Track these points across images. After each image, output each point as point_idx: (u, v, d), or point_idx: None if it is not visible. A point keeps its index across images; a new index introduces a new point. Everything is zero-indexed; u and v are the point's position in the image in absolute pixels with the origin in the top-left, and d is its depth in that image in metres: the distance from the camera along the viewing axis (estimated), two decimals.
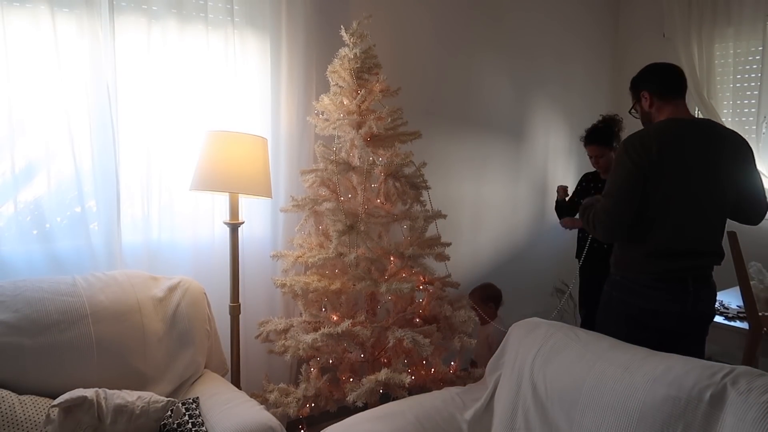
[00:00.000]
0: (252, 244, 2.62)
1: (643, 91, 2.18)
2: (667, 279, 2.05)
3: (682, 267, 2.05)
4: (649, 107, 2.17)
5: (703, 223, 2.05)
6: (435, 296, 2.46)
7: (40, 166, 2.15)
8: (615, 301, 2.15)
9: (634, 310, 2.08)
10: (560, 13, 3.87)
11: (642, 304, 2.07)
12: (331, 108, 2.43)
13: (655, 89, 2.14)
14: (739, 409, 1.38)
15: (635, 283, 2.09)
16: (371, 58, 2.38)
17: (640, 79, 2.20)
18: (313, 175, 2.40)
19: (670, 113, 2.11)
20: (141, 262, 2.36)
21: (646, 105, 2.18)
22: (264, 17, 2.58)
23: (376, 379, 2.07)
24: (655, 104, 2.15)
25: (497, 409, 1.91)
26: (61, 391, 1.72)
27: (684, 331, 2.09)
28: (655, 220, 2.04)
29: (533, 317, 2.10)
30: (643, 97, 2.18)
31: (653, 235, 2.04)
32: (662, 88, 2.13)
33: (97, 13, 2.17)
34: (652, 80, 2.16)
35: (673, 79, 2.13)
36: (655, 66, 2.19)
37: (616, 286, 2.16)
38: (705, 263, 2.10)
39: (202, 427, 1.79)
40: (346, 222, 2.21)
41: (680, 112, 2.11)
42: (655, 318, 2.05)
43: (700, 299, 2.08)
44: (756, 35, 3.47)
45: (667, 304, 2.05)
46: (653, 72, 2.18)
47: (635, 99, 2.23)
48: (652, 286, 2.06)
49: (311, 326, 2.33)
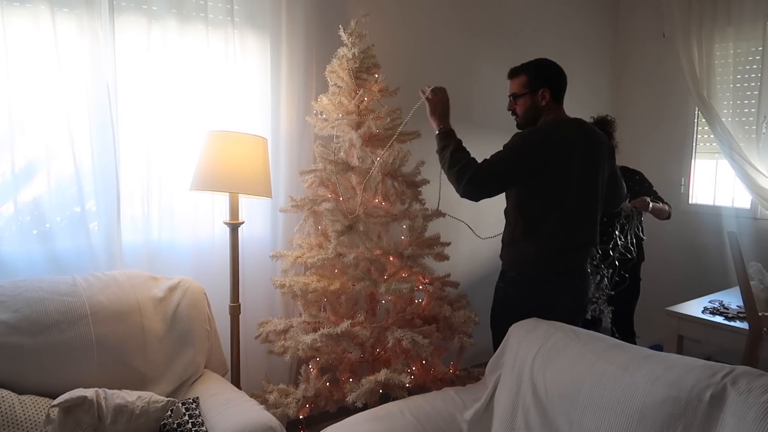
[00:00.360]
0: (252, 244, 2.62)
1: (544, 89, 2.19)
2: (562, 273, 2.17)
3: (574, 260, 2.19)
4: (544, 105, 2.20)
5: (590, 218, 2.20)
6: (435, 296, 2.46)
7: (40, 165, 2.15)
8: (511, 298, 2.21)
9: (530, 305, 2.12)
10: (560, 12, 3.87)
11: (539, 299, 2.14)
12: (329, 108, 2.43)
13: (556, 92, 2.21)
14: (739, 409, 1.37)
15: (533, 278, 2.16)
16: (370, 58, 2.38)
17: (547, 76, 2.22)
18: (312, 175, 2.40)
19: (558, 115, 2.21)
20: (141, 262, 2.36)
21: (542, 102, 2.20)
22: (264, 17, 2.58)
23: (375, 380, 2.07)
24: (549, 104, 2.20)
25: (497, 409, 1.91)
26: (61, 391, 1.72)
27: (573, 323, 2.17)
28: (551, 217, 2.12)
29: (533, 317, 2.10)
30: (542, 94, 2.19)
31: (550, 231, 2.12)
32: (561, 92, 2.24)
33: (97, 13, 2.17)
34: (557, 83, 2.22)
35: (566, 86, 2.25)
36: (559, 68, 2.25)
37: (512, 283, 2.21)
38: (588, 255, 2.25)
39: (202, 427, 1.79)
40: (345, 222, 2.21)
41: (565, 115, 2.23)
42: (550, 312, 2.09)
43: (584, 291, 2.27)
44: (756, 35, 3.47)
45: (560, 298, 2.17)
46: (561, 74, 2.24)
47: (528, 90, 2.20)
48: (547, 280, 2.15)
49: (311, 327, 2.33)
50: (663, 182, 4.04)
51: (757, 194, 3.44)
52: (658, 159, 4.05)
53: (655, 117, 4.06)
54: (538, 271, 2.17)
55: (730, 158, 3.50)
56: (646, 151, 4.12)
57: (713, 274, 3.71)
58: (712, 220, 3.78)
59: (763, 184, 3.40)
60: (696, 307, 2.66)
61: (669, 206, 3.05)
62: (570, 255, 2.17)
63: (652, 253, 4.09)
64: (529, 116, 2.23)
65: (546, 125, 2.17)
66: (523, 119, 2.26)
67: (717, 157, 3.80)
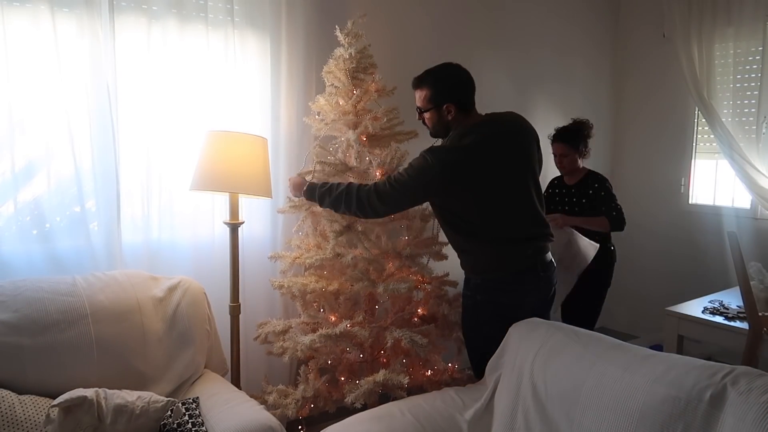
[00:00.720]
0: (252, 244, 2.62)
1: (448, 104, 2.10)
2: (523, 270, 2.14)
3: (527, 255, 2.14)
4: (450, 119, 2.13)
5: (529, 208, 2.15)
6: (433, 295, 2.46)
7: (40, 165, 2.15)
8: (481, 304, 2.17)
9: (500, 308, 2.13)
10: (560, 12, 3.87)
11: (507, 300, 2.13)
12: (326, 108, 2.43)
13: (462, 104, 2.12)
14: (739, 409, 1.38)
15: (496, 282, 2.15)
16: (366, 58, 2.38)
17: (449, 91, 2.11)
18: (311, 176, 2.40)
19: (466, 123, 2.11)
20: (141, 262, 2.36)
21: (448, 116, 2.13)
22: (264, 17, 2.58)
23: (374, 380, 2.07)
24: (456, 116, 2.12)
25: (497, 409, 1.91)
26: (61, 391, 1.72)
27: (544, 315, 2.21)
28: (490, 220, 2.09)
29: (533, 317, 2.10)
30: (446, 109, 2.11)
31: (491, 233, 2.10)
32: (469, 102, 2.14)
33: (97, 13, 2.17)
34: (462, 94, 2.12)
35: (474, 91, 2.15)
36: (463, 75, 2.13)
37: (479, 289, 2.18)
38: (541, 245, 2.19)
39: (202, 427, 1.79)
40: (343, 222, 2.22)
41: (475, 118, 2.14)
42: (519, 309, 2.10)
43: (549, 282, 2.23)
44: (756, 35, 3.47)
45: (527, 294, 2.16)
46: (464, 82, 2.13)
47: (432, 105, 2.12)
48: (511, 281, 2.14)
49: (309, 327, 2.33)
50: (663, 182, 4.05)
51: (757, 194, 3.44)
52: (658, 159, 4.05)
53: (655, 117, 4.06)
54: (499, 274, 2.14)
55: (730, 158, 3.50)
56: (646, 151, 4.12)
57: (713, 274, 3.71)
58: (712, 220, 3.78)
59: (763, 184, 3.40)
60: (696, 307, 2.66)
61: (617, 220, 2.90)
62: (521, 250, 2.13)
63: (652, 252, 4.10)
64: (439, 129, 2.20)
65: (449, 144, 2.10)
66: (434, 132, 2.23)
67: (717, 157, 3.80)
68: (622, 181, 4.26)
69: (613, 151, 4.33)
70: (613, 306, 4.33)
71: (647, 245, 4.12)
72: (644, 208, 4.10)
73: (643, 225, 4.10)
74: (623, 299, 4.24)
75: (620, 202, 2.97)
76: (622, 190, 4.27)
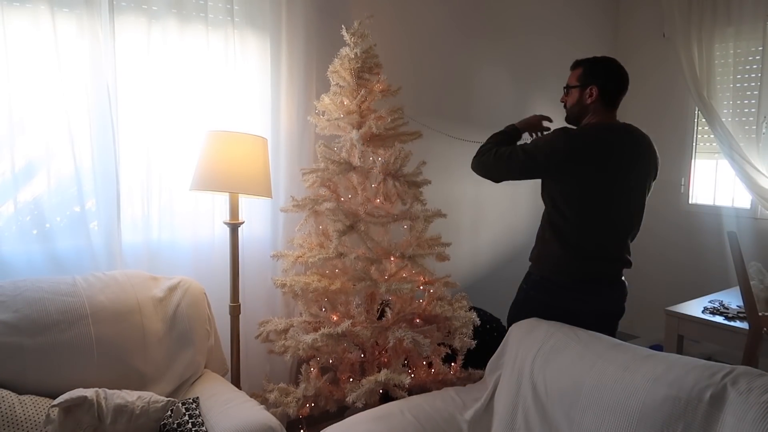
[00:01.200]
0: (252, 244, 2.62)
1: (593, 86, 2.13)
2: (585, 281, 2.12)
3: (598, 271, 2.13)
4: (589, 103, 2.14)
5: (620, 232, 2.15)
6: (435, 296, 2.46)
7: (40, 165, 2.15)
8: (532, 302, 2.18)
9: (551, 311, 2.10)
10: (560, 12, 3.87)
11: (559, 305, 2.10)
12: (331, 108, 2.43)
13: (606, 93, 2.13)
14: (739, 409, 1.38)
15: (554, 284, 2.14)
16: (372, 58, 2.38)
17: (599, 73, 2.15)
18: (314, 175, 2.40)
19: (603, 119, 2.13)
20: (141, 262, 2.36)
21: (587, 99, 2.14)
22: (264, 17, 2.58)
23: (375, 380, 2.07)
24: (596, 104, 2.13)
25: (497, 409, 1.91)
26: (61, 391, 1.72)
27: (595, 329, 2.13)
28: (581, 222, 2.08)
29: (533, 317, 2.10)
30: (589, 91, 2.13)
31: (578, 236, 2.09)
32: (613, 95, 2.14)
33: (97, 13, 2.17)
34: (611, 81, 2.14)
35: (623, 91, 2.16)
36: (620, 70, 2.17)
37: (534, 286, 2.19)
38: (617, 268, 2.18)
39: (202, 427, 1.79)
40: (346, 222, 2.22)
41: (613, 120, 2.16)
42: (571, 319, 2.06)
43: (613, 300, 2.19)
44: (756, 35, 3.47)
45: (582, 304, 2.12)
46: (618, 76, 2.15)
47: (579, 84, 2.16)
48: (569, 287, 2.12)
49: (311, 326, 2.33)
50: (663, 182, 4.04)
51: (757, 194, 3.44)
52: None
53: (655, 117, 4.06)
54: (561, 277, 2.13)
55: (730, 158, 3.50)
56: None
57: (713, 274, 3.71)
58: (712, 220, 3.78)
59: (763, 184, 3.40)
60: (696, 307, 2.66)
61: None
62: (594, 264, 2.11)
63: (652, 252, 4.10)
64: (575, 111, 2.20)
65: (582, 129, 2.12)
66: (569, 113, 2.23)
67: (717, 157, 3.80)
68: None
69: None
70: None
71: (647, 245, 4.11)
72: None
73: (643, 225, 4.10)
74: None
75: None
76: None
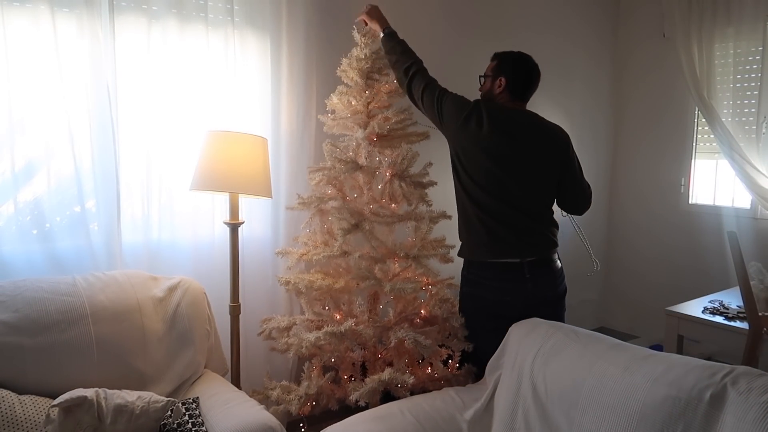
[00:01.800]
0: (252, 244, 2.62)
1: (502, 77, 2.27)
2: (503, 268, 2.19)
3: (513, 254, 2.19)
4: (496, 92, 2.30)
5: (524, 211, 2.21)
6: (437, 297, 2.46)
7: (40, 165, 2.15)
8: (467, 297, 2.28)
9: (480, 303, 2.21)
10: (560, 12, 3.87)
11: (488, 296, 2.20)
12: (339, 107, 2.44)
13: (513, 86, 2.27)
14: (739, 409, 1.38)
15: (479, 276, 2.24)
16: (381, 59, 2.40)
17: (509, 66, 2.29)
18: (320, 173, 2.41)
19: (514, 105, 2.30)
20: (141, 262, 2.36)
21: (496, 89, 2.30)
22: (264, 17, 2.58)
23: (379, 379, 2.07)
24: (503, 94, 2.28)
25: (497, 409, 1.91)
26: (61, 391, 1.72)
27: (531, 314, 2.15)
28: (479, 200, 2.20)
29: (533, 317, 2.10)
30: (498, 82, 2.28)
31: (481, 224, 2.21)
32: (518, 90, 2.29)
33: (97, 13, 2.17)
34: (517, 78, 2.27)
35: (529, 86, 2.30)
36: (528, 65, 2.30)
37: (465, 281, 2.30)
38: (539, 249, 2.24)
39: (202, 427, 1.79)
40: (351, 221, 2.22)
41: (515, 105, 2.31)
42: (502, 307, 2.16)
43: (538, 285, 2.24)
44: (756, 35, 3.47)
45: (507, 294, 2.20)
46: (525, 71, 2.29)
47: (491, 74, 2.32)
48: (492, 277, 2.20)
49: (314, 325, 2.33)
50: (663, 182, 4.05)
51: (757, 194, 3.44)
52: (658, 159, 4.05)
53: (655, 117, 4.06)
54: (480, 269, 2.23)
55: (730, 158, 3.50)
56: (646, 151, 4.12)
57: (713, 274, 3.71)
58: (712, 220, 3.78)
59: (763, 184, 3.40)
60: (696, 307, 2.66)
61: None
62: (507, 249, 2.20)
63: (652, 252, 4.10)
64: (485, 98, 2.37)
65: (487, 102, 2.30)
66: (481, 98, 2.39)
67: (717, 157, 3.80)
68: (622, 181, 4.26)
69: (614, 151, 4.33)
70: (613, 306, 4.34)
71: (647, 245, 4.12)
72: (644, 208, 4.11)
73: (643, 225, 4.11)
74: (623, 299, 4.25)
75: (620, 202, 2.97)
76: (622, 189, 4.29)
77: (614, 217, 4.32)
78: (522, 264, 2.22)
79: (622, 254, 4.28)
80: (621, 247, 4.28)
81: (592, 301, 4.18)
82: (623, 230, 4.25)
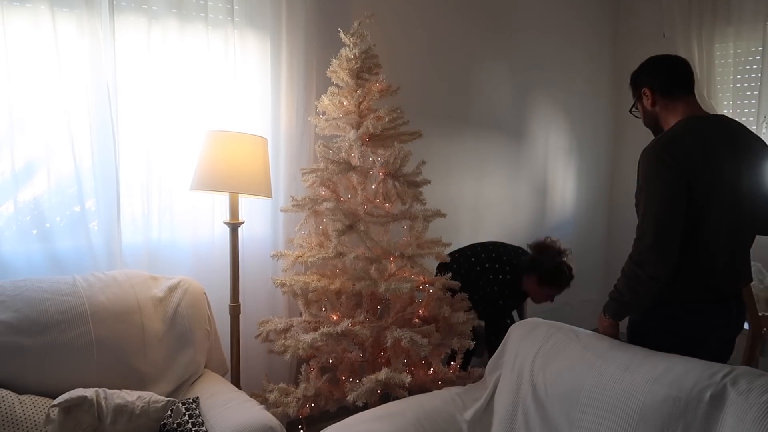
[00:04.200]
0: (252, 244, 2.62)
1: (643, 88, 1.93)
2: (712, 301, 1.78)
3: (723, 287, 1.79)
4: (651, 106, 1.92)
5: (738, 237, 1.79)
6: (434, 297, 2.46)
7: (40, 165, 2.15)
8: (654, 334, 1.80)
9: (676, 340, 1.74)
10: (560, 12, 3.87)
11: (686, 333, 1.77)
12: (330, 108, 2.43)
13: (658, 85, 1.89)
14: (739, 409, 1.38)
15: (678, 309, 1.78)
16: (371, 58, 2.38)
17: (640, 74, 1.96)
18: (314, 175, 2.41)
19: (684, 112, 1.84)
20: (141, 262, 2.36)
21: (648, 104, 1.92)
22: (264, 17, 2.58)
23: (376, 379, 2.07)
24: (659, 102, 1.89)
25: (497, 409, 1.91)
26: (61, 391, 1.72)
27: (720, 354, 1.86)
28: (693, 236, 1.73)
29: (533, 317, 2.10)
30: (644, 94, 1.93)
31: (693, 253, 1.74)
32: (666, 84, 1.88)
33: (97, 13, 2.17)
34: (653, 75, 1.92)
35: (677, 73, 1.89)
36: (657, 59, 1.95)
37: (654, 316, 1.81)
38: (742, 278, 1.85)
39: (202, 427, 1.79)
40: (346, 221, 2.22)
41: (695, 110, 1.84)
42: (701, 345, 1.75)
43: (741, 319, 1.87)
44: (756, 35, 3.47)
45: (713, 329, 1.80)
46: (654, 66, 1.94)
47: (635, 96, 1.98)
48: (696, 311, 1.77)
49: (311, 326, 2.33)
50: None
51: None
52: None
53: None
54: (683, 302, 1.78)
55: None
56: None
57: None
58: None
59: None
60: None
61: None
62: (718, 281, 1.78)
63: None
64: (648, 123, 1.99)
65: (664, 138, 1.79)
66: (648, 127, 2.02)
67: None
68: (622, 182, 4.26)
69: (613, 151, 4.33)
70: None
71: None
72: None
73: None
74: None
75: (620, 202, 2.96)
76: (622, 190, 4.28)
77: (614, 217, 4.32)
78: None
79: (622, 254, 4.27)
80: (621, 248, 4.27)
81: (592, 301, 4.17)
82: (623, 230, 4.25)
